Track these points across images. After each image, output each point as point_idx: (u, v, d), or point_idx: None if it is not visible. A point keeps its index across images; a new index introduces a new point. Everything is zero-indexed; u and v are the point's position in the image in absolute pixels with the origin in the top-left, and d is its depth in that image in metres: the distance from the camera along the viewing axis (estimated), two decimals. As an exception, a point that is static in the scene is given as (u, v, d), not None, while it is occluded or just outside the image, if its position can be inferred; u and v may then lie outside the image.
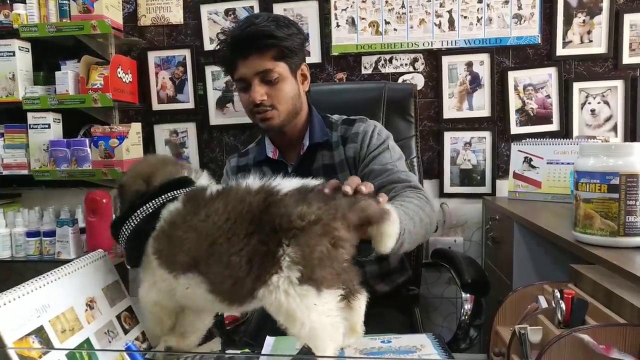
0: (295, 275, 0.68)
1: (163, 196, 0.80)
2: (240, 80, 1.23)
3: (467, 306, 1.31)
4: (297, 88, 1.26)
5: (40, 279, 0.69)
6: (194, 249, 0.75)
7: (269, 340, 0.97)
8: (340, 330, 0.73)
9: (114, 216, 0.86)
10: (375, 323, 1.14)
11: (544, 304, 1.05)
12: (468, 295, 1.32)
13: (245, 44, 1.19)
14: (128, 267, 0.83)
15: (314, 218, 0.69)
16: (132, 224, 0.79)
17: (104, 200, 2.04)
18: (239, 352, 0.97)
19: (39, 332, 0.63)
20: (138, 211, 0.79)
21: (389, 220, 0.75)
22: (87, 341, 0.70)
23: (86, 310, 0.73)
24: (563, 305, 0.95)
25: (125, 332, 0.80)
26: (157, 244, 0.79)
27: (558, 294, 0.98)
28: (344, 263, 0.73)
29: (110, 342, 0.75)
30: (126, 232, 0.79)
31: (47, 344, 0.62)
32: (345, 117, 1.36)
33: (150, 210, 0.79)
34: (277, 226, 0.69)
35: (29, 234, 2.15)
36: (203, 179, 0.87)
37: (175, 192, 0.80)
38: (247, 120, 2.27)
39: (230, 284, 0.72)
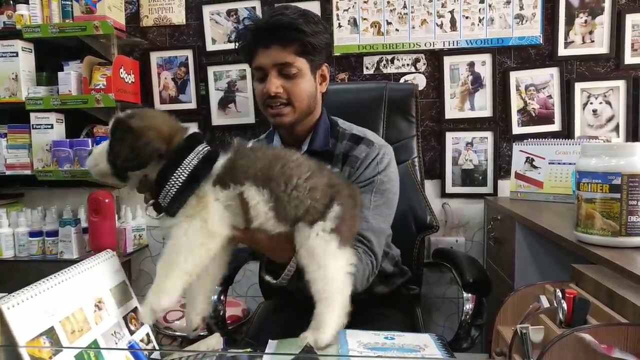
0: (330, 225, 0.87)
1: (199, 148, 0.88)
2: (257, 69, 1.19)
3: (469, 306, 1.31)
4: (314, 87, 1.22)
5: (51, 278, 0.68)
6: (267, 168, 0.88)
7: (271, 344, 0.97)
8: (348, 289, 0.87)
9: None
10: (376, 323, 1.14)
11: (545, 303, 1.05)
12: (470, 295, 1.32)
13: (269, 33, 1.16)
14: (168, 216, 0.84)
15: (352, 192, 0.93)
16: (181, 177, 0.83)
17: (107, 200, 2.04)
18: (241, 351, 0.97)
19: (50, 333, 0.63)
20: (183, 165, 0.84)
21: None
22: (95, 343, 0.70)
23: (95, 311, 0.73)
24: (565, 305, 0.95)
25: (131, 333, 0.79)
26: (222, 173, 0.87)
27: (560, 294, 0.98)
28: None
29: (116, 343, 0.74)
30: (175, 185, 0.82)
31: (57, 345, 0.62)
32: (354, 130, 1.30)
33: (196, 162, 0.85)
34: (331, 193, 0.89)
35: (32, 234, 2.15)
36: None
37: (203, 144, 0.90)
38: (249, 120, 2.30)
39: (291, 208, 0.87)
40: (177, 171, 0.83)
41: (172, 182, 0.83)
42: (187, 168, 0.84)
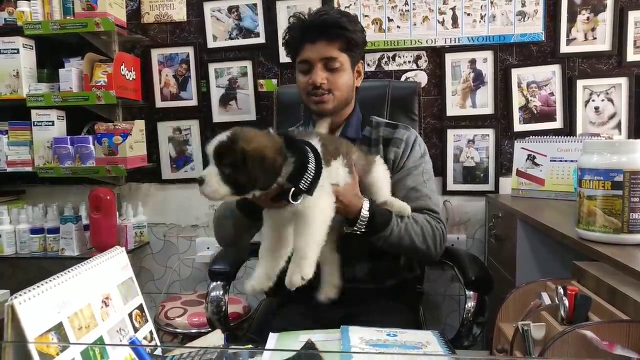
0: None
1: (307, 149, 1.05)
2: (303, 62, 1.31)
3: (471, 303, 1.31)
4: (352, 80, 1.34)
5: (62, 274, 0.69)
6: (335, 146, 1.13)
7: (272, 336, 0.97)
8: None
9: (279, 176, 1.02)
10: (379, 319, 1.15)
11: (547, 300, 1.05)
12: (471, 292, 1.32)
13: (316, 30, 1.27)
14: (309, 196, 1.00)
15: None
16: (312, 170, 1.00)
17: (108, 197, 2.05)
18: (242, 347, 0.97)
19: (58, 329, 0.63)
20: (309, 164, 1.01)
21: None
22: (100, 339, 0.70)
23: (101, 307, 0.73)
24: (566, 302, 0.96)
25: (136, 330, 0.79)
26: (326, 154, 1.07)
27: (561, 291, 0.98)
28: None
29: (120, 340, 0.74)
30: (311, 172, 1.00)
31: (64, 341, 0.62)
32: (387, 120, 1.45)
33: (315, 157, 1.03)
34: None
35: (33, 231, 2.16)
36: None
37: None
38: (250, 117, 2.30)
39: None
40: (309, 162, 1.01)
41: (309, 171, 0.99)
42: (312, 158, 1.01)
